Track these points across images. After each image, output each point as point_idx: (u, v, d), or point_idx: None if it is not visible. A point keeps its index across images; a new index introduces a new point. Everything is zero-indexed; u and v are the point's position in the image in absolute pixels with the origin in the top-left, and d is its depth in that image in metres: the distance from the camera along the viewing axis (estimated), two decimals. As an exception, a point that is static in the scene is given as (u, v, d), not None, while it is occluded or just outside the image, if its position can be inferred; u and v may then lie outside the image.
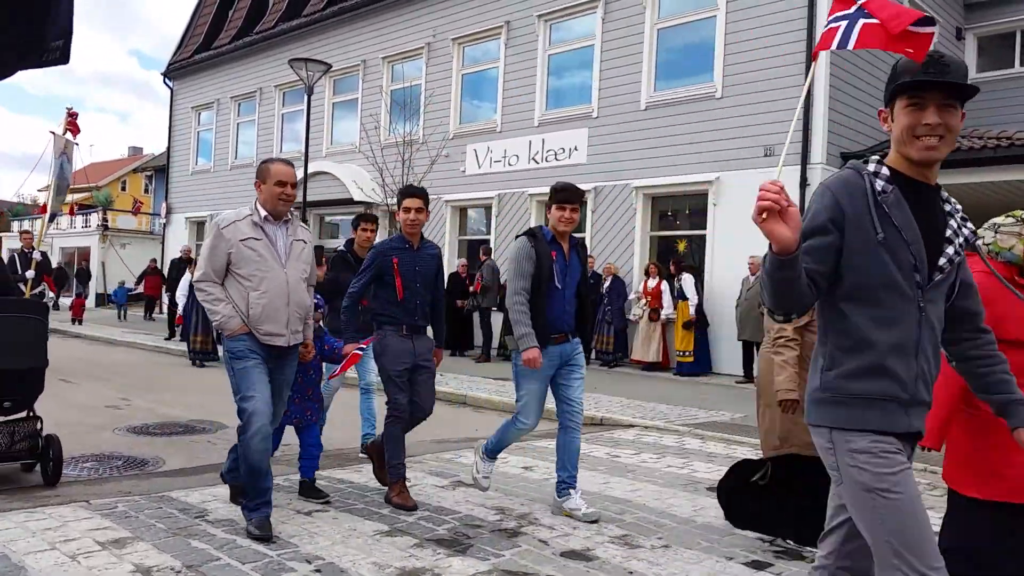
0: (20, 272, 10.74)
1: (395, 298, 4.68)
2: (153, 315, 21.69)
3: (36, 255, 10.85)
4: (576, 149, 14.17)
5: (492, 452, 4.76)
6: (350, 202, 17.48)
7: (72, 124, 8.19)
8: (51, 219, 8.93)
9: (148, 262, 22.18)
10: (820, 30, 11.15)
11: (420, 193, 4.81)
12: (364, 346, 4.84)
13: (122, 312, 22.82)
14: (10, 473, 5.30)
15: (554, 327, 4.49)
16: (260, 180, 4.22)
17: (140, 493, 4.74)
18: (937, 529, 4.53)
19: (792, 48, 11.53)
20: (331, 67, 14.55)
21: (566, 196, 4.55)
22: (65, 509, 4.36)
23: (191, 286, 12.90)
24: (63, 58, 1.26)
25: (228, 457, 4.60)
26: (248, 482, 4.02)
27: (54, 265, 20.28)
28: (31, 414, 5.14)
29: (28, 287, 9.33)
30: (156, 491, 4.84)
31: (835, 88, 11.46)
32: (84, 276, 26.88)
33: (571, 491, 4.57)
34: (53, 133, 8.10)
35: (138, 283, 21.94)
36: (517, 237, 4.64)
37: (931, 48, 2.07)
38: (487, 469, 4.77)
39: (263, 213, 4.18)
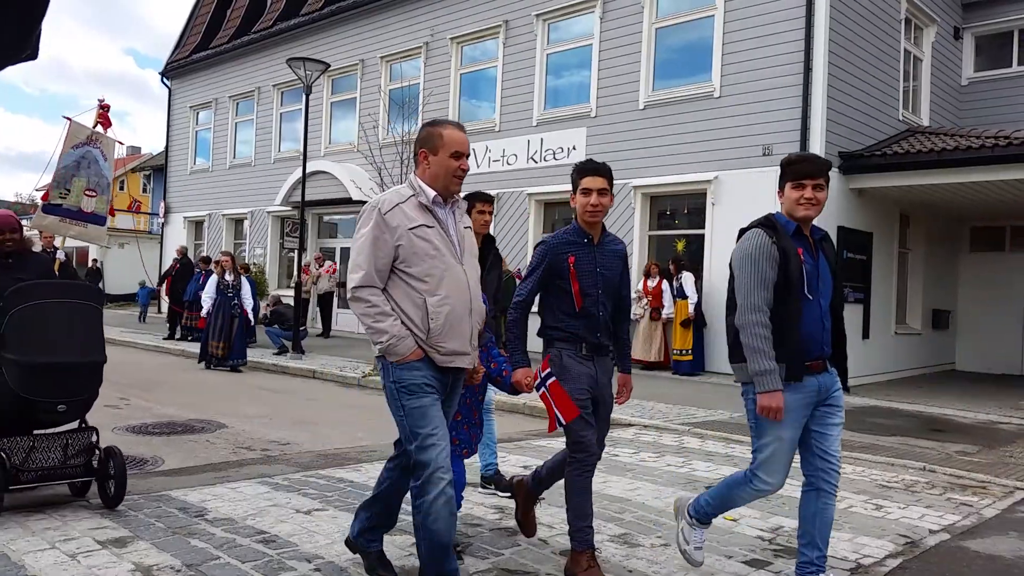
0: None
1: (572, 308, 3.63)
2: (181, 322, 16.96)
3: (60, 255, 10.43)
4: (575, 148, 14.17)
5: (708, 516, 3.65)
6: (348, 201, 17.48)
7: (103, 117, 7.66)
8: (98, 221, 8.29)
9: (171, 261, 19.30)
10: (819, 28, 11.18)
11: (604, 171, 3.73)
12: (545, 374, 3.63)
13: (143, 314, 21.87)
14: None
15: (809, 351, 3.29)
16: (427, 149, 3.19)
17: (139, 492, 4.74)
18: (933, 528, 4.52)
19: (790, 47, 11.53)
20: (329, 66, 14.54)
21: (809, 169, 3.31)
22: (65, 508, 4.37)
23: (252, 290, 12.52)
24: (34, 54, 1.24)
25: (359, 515, 3.55)
26: (429, 563, 3.07)
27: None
28: (84, 424, 4.52)
29: None
30: (155, 490, 4.83)
31: (833, 88, 11.47)
32: (95, 276, 26.84)
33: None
34: (68, 119, 7.59)
35: (160, 283, 19.63)
36: (745, 230, 3.41)
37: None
38: (699, 538, 3.64)
39: (431, 193, 3.17)
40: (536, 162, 14.79)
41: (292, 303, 14.10)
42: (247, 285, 12.37)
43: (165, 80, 25.39)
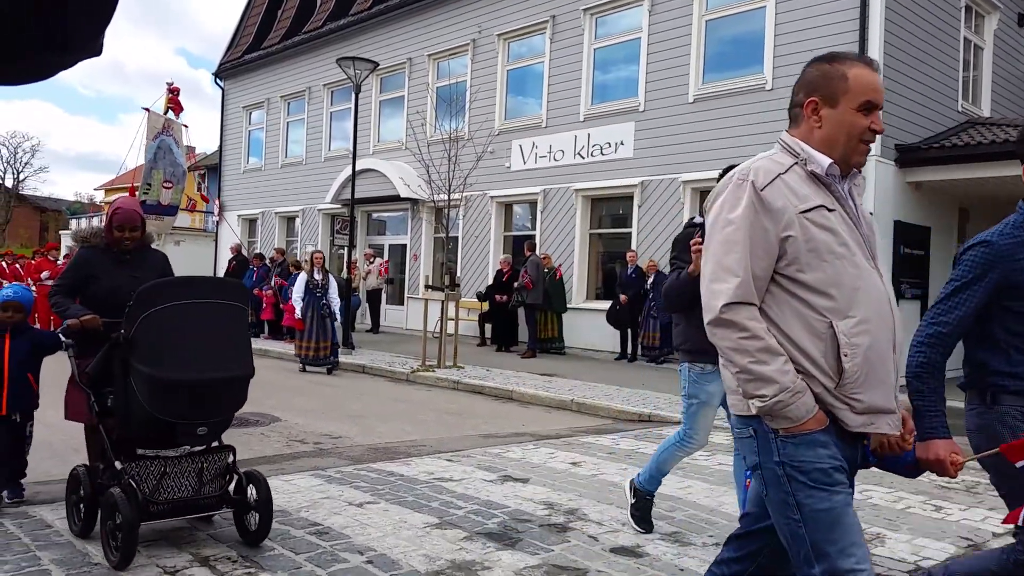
0: None
1: None
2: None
3: None
4: (622, 143, 14.07)
5: None
6: (396, 199, 17.64)
7: (174, 100, 7.30)
8: (171, 212, 7.97)
9: (230, 260, 18.04)
10: (874, 17, 10.91)
11: None
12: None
13: None
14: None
15: None
16: (820, 97, 2.10)
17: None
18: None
19: (844, 37, 11.27)
20: (378, 65, 14.68)
21: None
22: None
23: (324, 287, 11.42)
24: (98, 50, 1.25)
25: None
26: None
27: None
28: (219, 442, 3.88)
29: None
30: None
31: (888, 78, 11.18)
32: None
33: None
34: (147, 110, 7.36)
35: None
36: None
37: None
38: None
39: (824, 160, 2.08)
40: (583, 158, 14.73)
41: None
42: (334, 284, 11.85)
43: (218, 81, 25.91)
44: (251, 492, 3.73)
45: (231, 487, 3.79)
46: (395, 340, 16.00)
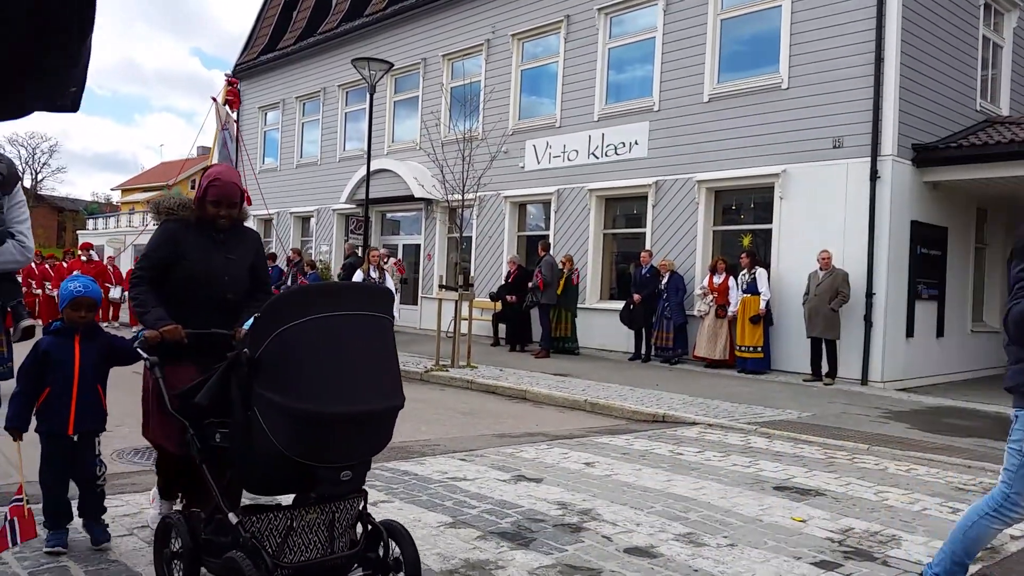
0: None
1: None
2: None
3: None
4: (636, 143, 14.04)
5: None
6: (411, 199, 17.69)
7: (232, 93, 7.04)
8: None
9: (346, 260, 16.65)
10: (891, 16, 10.83)
11: None
12: None
13: None
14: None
15: None
16: None
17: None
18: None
19: (861, 36, 11.20)
20: (393, 66, 14.72)
21: None
22: (141, 497, 4.51)
23: None
24: (74, 107, 1.30)
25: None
26: None
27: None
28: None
29: None
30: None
31: (906, 77, 11.10)
32: None
33: None
34: (215, 100, 7.16)
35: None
36: None
37: None
38: None
39: None
40: (597, 157, 14.70)
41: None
42: (390, 281, 11.76)
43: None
44: (392, 548, 2.91)
45: (362, 538, 2.96)
46: (409, 340, 16.03)
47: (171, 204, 3.56)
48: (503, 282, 14.99)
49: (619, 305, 13.57)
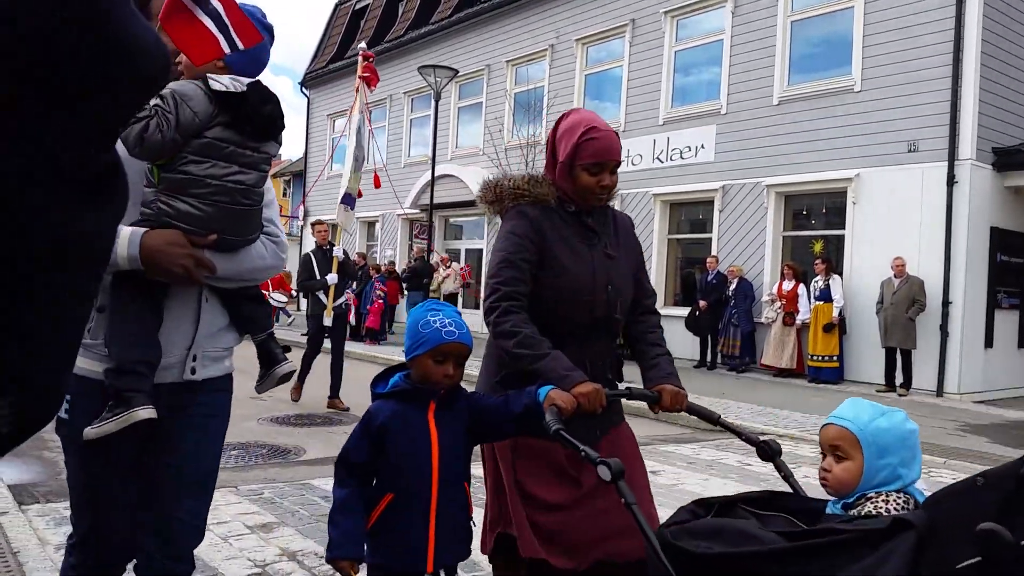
0: (319, 276, 8.40)
1: None
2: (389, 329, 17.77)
3: (337, 252, 8.49)
4: (703, 147, 13.85)
5: None
6: (473, 204, 17.71)
7: (369, 69, 6.76)
8: (351, 204, 7.35)
9: (386, 263, 18.94)
10: (971, 14, 10.45)
11: None
12: None
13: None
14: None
15: None
16: None
17: (284, 480, 4.98)
18: None
19: (938, 37, 10.83)
20: (458, 73, 14.86)
21: None
22: (215, 493, 4.63)
23: None
24: None
25: None
26: None
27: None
28: None
29: (331, 296, 8.08)
30: (299, 479, 5.07)
31: (986, 78, 10.69)
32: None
33: None
34: (362, 79, 6.73)
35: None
36: None
37: None
38: None
39: None
40: (662, 162, 14.56)
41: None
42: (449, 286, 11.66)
43: (304, 90, 26.68)
44: None
45: None
46: (478, 343, 16.11)
47: (519, 181, 2.39)
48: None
49: (684, 311, 13.40)
